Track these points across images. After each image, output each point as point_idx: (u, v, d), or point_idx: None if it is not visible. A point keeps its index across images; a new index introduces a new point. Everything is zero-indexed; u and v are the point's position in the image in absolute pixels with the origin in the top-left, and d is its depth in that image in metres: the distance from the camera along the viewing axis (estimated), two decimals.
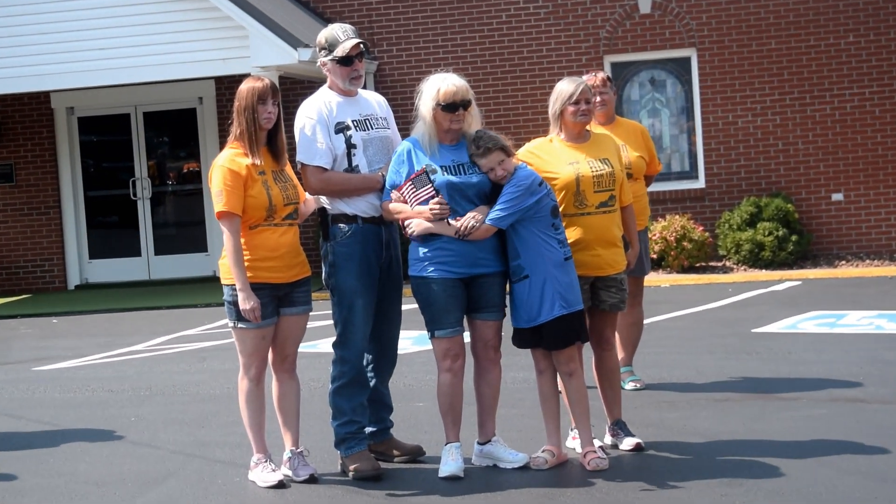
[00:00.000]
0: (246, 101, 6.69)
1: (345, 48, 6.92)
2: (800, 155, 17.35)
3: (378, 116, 7.10)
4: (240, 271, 6.60)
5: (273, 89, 6.73)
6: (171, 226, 19.54)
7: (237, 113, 6.73)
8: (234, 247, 6.61)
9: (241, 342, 6.82)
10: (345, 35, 6.95)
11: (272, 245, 6.72)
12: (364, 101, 7.12)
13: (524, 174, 6.72)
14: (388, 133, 7.11)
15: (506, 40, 17.88)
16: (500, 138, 6.72)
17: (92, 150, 19.50)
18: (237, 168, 6.65)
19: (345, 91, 7.02)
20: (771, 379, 9.04)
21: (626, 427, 7.23)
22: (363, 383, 7.04)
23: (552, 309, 6.68)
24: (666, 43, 17.57)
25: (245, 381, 6.86)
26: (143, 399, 9.80)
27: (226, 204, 6.62)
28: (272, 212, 6.69)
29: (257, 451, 6.89)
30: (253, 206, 6.66)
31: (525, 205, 6.63)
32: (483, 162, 6.69)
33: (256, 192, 6.66)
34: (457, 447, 6.82)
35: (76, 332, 14.56)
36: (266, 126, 6.72)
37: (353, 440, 7.00)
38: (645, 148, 8.73)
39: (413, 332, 11.21)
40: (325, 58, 7.01)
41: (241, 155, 6.70)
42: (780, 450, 6.98)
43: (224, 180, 6.64)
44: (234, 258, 6.61)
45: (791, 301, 13.48)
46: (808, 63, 17.27)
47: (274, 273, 6.73)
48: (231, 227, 6.62)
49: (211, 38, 16.19)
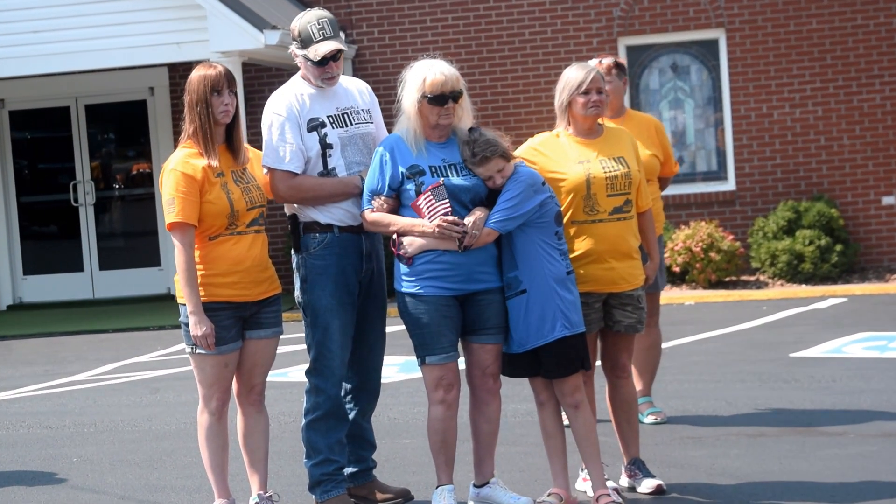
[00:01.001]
0: (198, 94, 6.68)
1: (318, 52, 6.93)
2: (845, 152, 17.42)
3: (359, 109, 7.12)
4: (192, 291, 6.60)
5: (228, 77, 6.74)
6: (119, 236, 19.55)
7: (189, 108, 6.72)
8: (185, 262, 6.60)
9: (201, 371, 6.82)
10: (321, 33, 6.96)
11: (235, 257, 6.72)
12: (343, 92, 7.14)
13: (525, 171, 6.76)
14: (371, 129, 7.13)
15: (504, 20, 17.93)
16: (499, 142, 6.71)
17: (26, 148, 19.51)
18: (192, 171, 6.65)
19: (319, 84, 7.07)
20: (812, 411, 9.07)
21: (644, 467, 7.26)
22: (341, 417, 7.07)
23: (553, 329, 6.69)
24: (690, 23, 17.63)
25: (205, 415, 6.86)
26: (87, 437, 9.81)
27: (179, 213, 6.61)
28: (234, 218, 6.70)
29: (219, 496, 6.91)
30: (212, 214, 6.66)
31: (531, 205, 6.65)
32: (480, 171, 6.72)
33: (215, 197, 6.66)
34: (450, 490, 6.84)
35: (8, 359, 14.55)
36: (223, 120, 6.73)
37: (329, 482, 7.02)
38: (659, 145, 8.77)
39: (399, 357, 11.23)
40: (297, 50, 7.05)
41: (195, 156, 6.70)
42: (822, 493, 7.00)
43: (177, 186, 6.64)
44: (185, 276, 6.61)
45: (835, 321, 13.51)
46: (854, 46, 17.35)
47: (237, 290, 6.73)
48: (184, 240, 6.62)
49: (163, 20, 16.22)
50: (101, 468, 8.70)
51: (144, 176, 19.28)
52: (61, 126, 19.22)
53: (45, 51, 16.36)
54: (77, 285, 19.13)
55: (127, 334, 15.86)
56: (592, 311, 6.96)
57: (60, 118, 19.20)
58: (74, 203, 19.13)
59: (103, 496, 7.96)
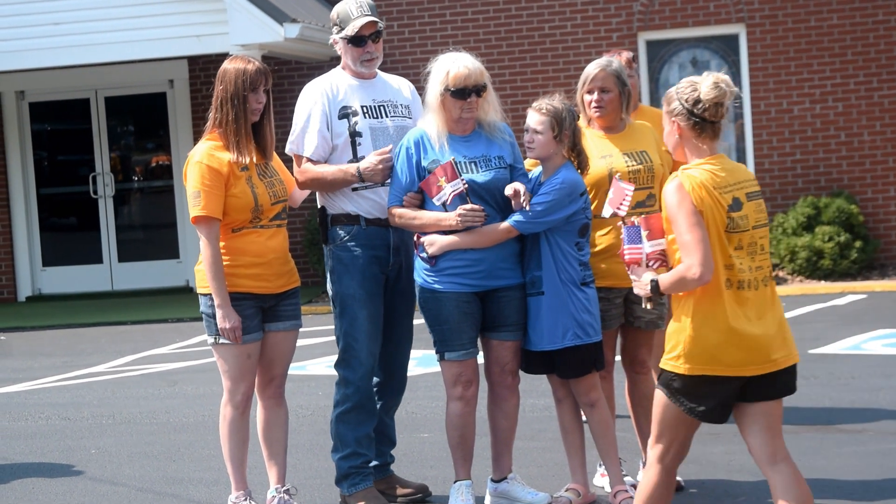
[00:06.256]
0: (235, 88, 6.65)
1: (355, 26, 6.98)
2: (865, 148, 17.37)
3: (398, 104, 7.15)
4: (219, 284, 6.60)
5: (266, 75, 6.74)
6: (138, 228, 19.59)
7: (222, 101, 6.69)
8: (212, 256, 6.61)
9: (225, 362, 6.80)
10: (359, 11, 7.01)
11: (258, 250, 6.73)
12: (383, 86, 7.18)
13: (569, 177, 6.66)
14: (408, 123, 7.12)
15: (524, 14, 17.91)
16: (554, 107, 6.66)
17: (45, 140, 19.55)
18: (217, 165, 6.64)
19: (358, 73, 7.08)
20: (831, 408, 9.05)
21: None
22: (370, 410, 7.06)
23: (563, 337, 6.67)
24: (710, 18, 17.59)
25: (229, 408, 6.84)
26: (105, 428, 9.83)
27: (204, 207, 6.61)
28: (258, 213, 6.70)
29: (236, 488, 6.91)
30: (236, 208, 6.66)
31: (559, 215, 6.58)
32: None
33: (240, 192, 6.66)
34: (468, 485, 6.84)
35: (27, 351, 14.59)
36: (254, 118, 6.73)
37: (357, 476, 7.02)
38: None
39: (417, 351, 11.19)
40: (336, 35, 7.10)
41: (220, 149, 6.69)
42: (841, 490, 6.98)
43: (202, 179, 6.63)
44: (212, 270, 6.61)
45: (855, 317, 13.48)
46: (875, 41, 17.29)
47: (259, 282, 6.74)
48: (209, 234, 6.62)
49: (184, 12, 16.23)
50: (118, 460, 8.72)
51: (163, 168, 19.30)
52: (81, 118, 19.24)
53: (65, 43, 16.39)
54: (96, 277, 19.16)
55: (145, 326, 15.89)
56: (613, 306, 6.95)
57: (80, 110, 19.23)
58: (94, 195, 19.17)
59: (121, 488, 7.98)
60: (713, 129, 5.42)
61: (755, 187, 5.46)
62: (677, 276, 5.30)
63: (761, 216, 5.44)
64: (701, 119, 5.37)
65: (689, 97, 5.38)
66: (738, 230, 5.33)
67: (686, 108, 5.39)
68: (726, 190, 5.33)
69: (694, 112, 5.37)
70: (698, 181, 5.31)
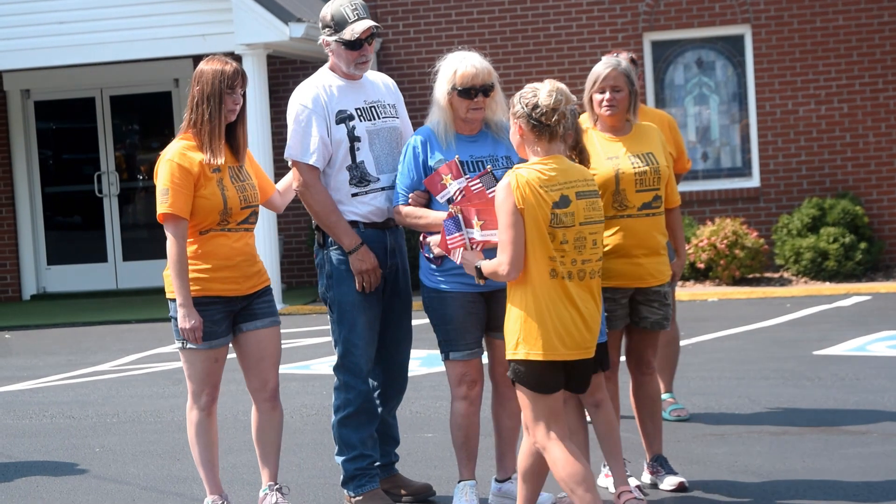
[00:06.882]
0: (212, 88, 6.65)
1: (354, 31, 6.92)
2: (871, 149, 17.35)
3: (385, 103, 7.11)
4: (182, 283, 6.54)
5: (243, 76, 6.72)
6: (142, 227, 19.59)
7: (197, 100, 6.68)
8: (177, 255, 6.55)
9: (191, 366, 6.74)
10: (355, 14, 6.95)
11: (226, 253, 6.67)
12: (370, 86, 7.13)
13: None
14: (397, 123, 7.11)
15: (529, 14, 17.91)
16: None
17: (50, 139, 19.57)
18: (188, 164, 6.62)
19: (347, 74, 7.05)
20: (835, 409, 9.04)
21: (667, 463, 7.24)
22: (372, 412, 7.06)
23: None
24: (716, 18, 17.58)
25: (195, 411, 6.78)
26: (110, 427, 9.84)
27: (171, 205, 6.58)
28: (227, 216, 6.65)
29: (211, 492, 6.82)
30: (204, 209, 6.62)
31: None
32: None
33: (209, 193, 6.62)
34: (472, 486, 6.84)
35: (32, 349, 14.60)
36: (229, 118, 6.71)
37: (363, 477, 7.01)
38: (672, 142, 8.74)
39: (421, 350, 11.22)
40: (328, 37, 7.02)
41: (193, 149, 6.67)
42: (846, 492, 6.97)
43: (171, 177, 6.61)
44: (175, 268, 6.54)
45: (859, 319, 13.47)
46: (881, 42, 17.28)
47: (228, 285, 6.68)
48: (176, 232, 6.57)
49: (189, 11, 16.25)
50: (123, 458, 8.72)
51: None
52: (86, 117, 19.26)
53: (70, 42, 16.41)
54: (100, 276, 19.18)
55: (150, 325, 15.89)
56: (618, 306, 6.95)
57: (85, 109, 19.25)
58: (98, 194, 19.18)
59: (125, 486, 7.98)
60: (550, 132, 5.90)
61: (589, 187, 5.95)
62: (492, 268, 5.92)
63: (593, 213, 5.94)
64: (539, 122, 5.87)
65: (529, 102, 5.90)
66: (562, 225, 5.83)
67: (526, 111, 5.90)
68: (554, 188, 5.82)
69: (532, 116, 5.88)
70: (525, 180, 5.81)
